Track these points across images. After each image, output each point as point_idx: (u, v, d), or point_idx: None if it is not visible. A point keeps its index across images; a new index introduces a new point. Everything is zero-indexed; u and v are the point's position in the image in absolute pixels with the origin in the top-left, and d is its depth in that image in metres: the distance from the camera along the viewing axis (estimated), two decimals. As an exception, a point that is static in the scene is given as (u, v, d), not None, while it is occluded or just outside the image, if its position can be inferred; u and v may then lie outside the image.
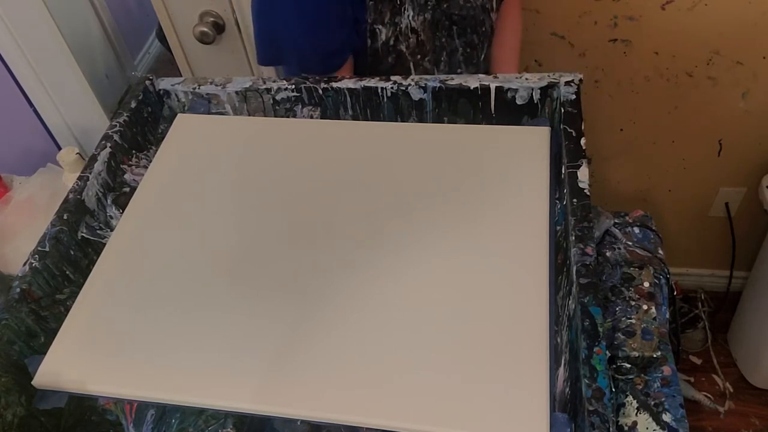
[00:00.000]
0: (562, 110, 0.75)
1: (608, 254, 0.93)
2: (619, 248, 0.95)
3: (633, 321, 0.83)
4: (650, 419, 0.79)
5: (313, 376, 0.58)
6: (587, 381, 0.54)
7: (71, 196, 0.73)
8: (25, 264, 0.68)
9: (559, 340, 0.62)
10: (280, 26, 0.91)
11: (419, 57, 0.97)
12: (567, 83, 0.77)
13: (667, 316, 0.92)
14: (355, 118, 0.83)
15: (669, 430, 0.78)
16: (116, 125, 0.80)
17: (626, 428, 0.78)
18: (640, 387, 0.81)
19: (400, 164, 0.75)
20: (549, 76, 0.78)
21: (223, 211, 0.73)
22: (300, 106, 0.84)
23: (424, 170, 0.74)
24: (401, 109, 0.81)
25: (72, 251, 0.72)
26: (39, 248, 0.69)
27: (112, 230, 0.73)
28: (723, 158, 1.52)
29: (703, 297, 1.83)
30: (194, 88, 0.85)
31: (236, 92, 0.84)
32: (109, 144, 0.79)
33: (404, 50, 0.95)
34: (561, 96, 0.76)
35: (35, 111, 1.28)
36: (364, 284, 0.64)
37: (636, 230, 0.99)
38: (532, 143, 0.75)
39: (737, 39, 1.28)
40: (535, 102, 0.79)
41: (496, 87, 0.78)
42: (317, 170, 0.76)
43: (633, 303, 0.85)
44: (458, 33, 0.99)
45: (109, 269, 0.69)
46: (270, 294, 0.65)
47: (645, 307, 0.85)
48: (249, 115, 0.86)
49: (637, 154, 1.55)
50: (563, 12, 1.30)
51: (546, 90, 0.78)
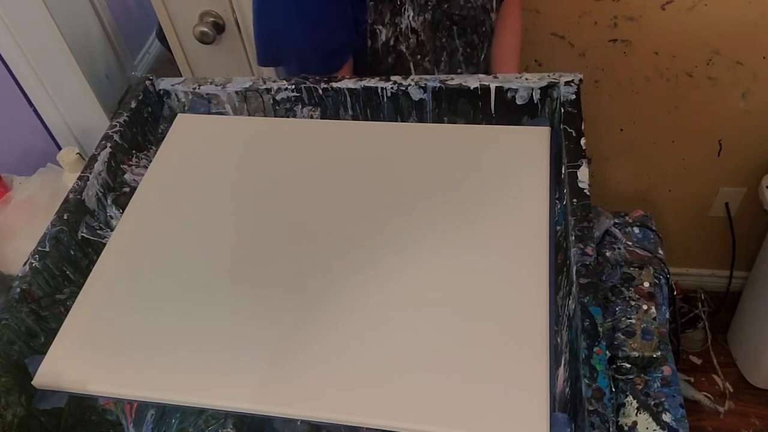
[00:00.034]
0: (562, 110, 0.75)
1: (608, 254, 0.93)
2: (619, 248, 0.95)
3: (633, 321, 0.83)
4: (650, 419, 0.79)
5: (313, 376, 0.58)
6: (587, 381, 0.54)
7: (71, 196, 0.73)
8: (25, 264, 0.68)
9: (559, 340, 0.62)
10: (280, 26, 0.91)
11: (419, 57, 0.97)
12: (567, 83, 0.77)
13: (667, 316, 0.92)
14: (355, 118, 0.83)
15: (669, 430, 0.78)
16: (116, 125, 0.80)
17: (626, 428, 0.78)
18: (640, 387, 0.81)
19: (400, 164, 0.75)
20: (549, 76, 0.78)
21: (223, 211, 0.73)
22: (300, 106, 0.84)
23: (424, 170, 0.74)
24: (401, 109, 0.81)
25: (72, 251, 0.72)
26: (39, 248, 0.69)
27: (112, 230, 0.73)
28: (723, 158, 1.52)
29: (703, 297, 1.83)
30: (194, 88, 0.85)
31: (236, 92, 0.84)
32: (109, 144, 0.79)
33: (404, 50, 0.95)
34: (561, 96, 0.76)
35: (35, 111, 1.28)
36: (364, 284, 0.64)
37: (636, 230, 0.99)
38: (532, 143, 0.75)
39: (737, 39, 1.28)
40: (535, 102, 0.79)
41: (496, 87, 0.78)
42: (317, 170, 0.76)
43: (633, 303, 0.85)
44: (458, 33, 0.99)
45: (109, 269, 0.69)
46: (270, 294, 0.65)
47: (645, 307, 0.85)
48: (249, 115, 0.86)
49: (637, 154, 1.55)
50: (563, 12, 1.30)
51: (546, 90, 0.78)
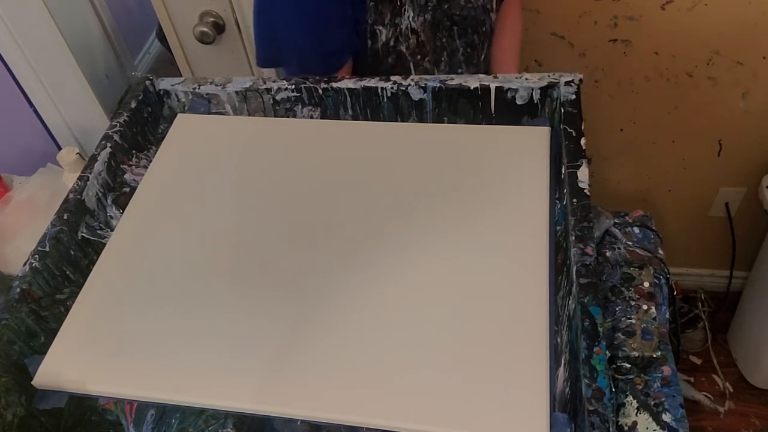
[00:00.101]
0: (562, 110, 0.75)
1: (608, 254, 0.93)
2: (619, 248, 0.95)
3: (633, 321, 0.83)
4: (650, 419, 0.79)
5: (313, 376, 0.58)
6: (587, 381, 0.54)
7: (71, 196, 0.73)
8: (25, 264, 0.68)
9: (559, 340, 0.62)
10: (280, 26, 0.91)
11: (419, 57, 0.97)
12: (567, 83, 0.77)
13: (667, 316, 0.92)
14: (355, 118, 0.83)
15: (669, 430, 0.78)
16: (116, 125, 0.80)
17: (626, 428, 0.78)
18: (640, 387, 0.81)
19: (400, 164, 0.75)
20: (549, 76, 0.78)
21: (223, 211, 0.73)
22: (300, 106, 0.84)
23: (424, 170, 0.74)
24: (401, 109, 0.81)
25: (72, 251, 0.72)
26: (39, 248, 0.69)
27: (112, 230, 0.73)
28: (723, 158, 1.52)
29: (703, 297, 1.83)
30: (194, 88, 0.85)
31: (236, 92, 0.84)
32: (109, 144, 0.79)
33: (404, 51, 0.95)
34: (561, 96, 0.76)
35: (35, 111, 1.28)
36: (364, 284, 0.64)
37: (636, 230, 0.99)
38: (532, 143, 0.75)
39: (737, 39, 1.28)
40: (535, 102, 0.79)
41: (496, 87, 0.78)
42: (317, 170, 0.76)
43: (633, 303, 0.85)
44: (459, 33, 0.99)
45: (109, 269, 0.69)
46: (270, 294, 0.65)
47: (645, 307, 0.85)
48: (249, 115, 0.86)
49: (637, 154, 1.55)
50: (563, 12, 1.30)
51: (546, 90, 0.78)
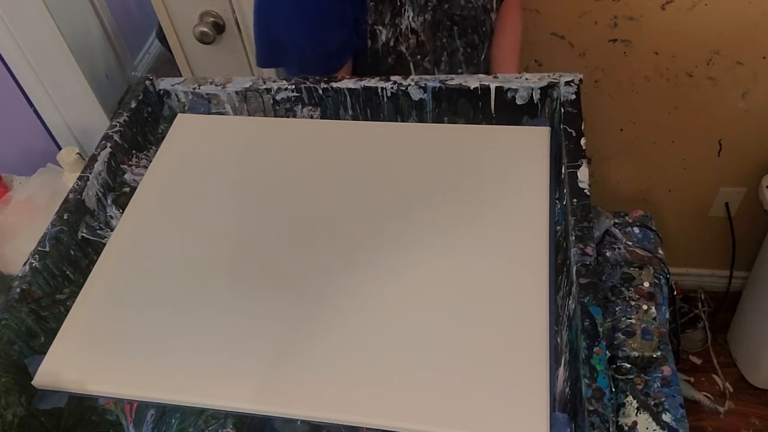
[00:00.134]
0: (562, 110, 0.75)
1: (608, 254, 0.93)
2: (619, 248, 0.95)
3: (633, 321, 0.83)
4: (650, 419, 0.79)
5: (313, 376, 0.58)
6: (587, 381, 0.54)
7: (71, 196, 0.73)
8: (25, 264, 0.68)
9: (559, 340, 0.62)
10: (280, 26, 0.91)
11: (419, 57, 0.97)
12: (567, 83, 0.77)
13: (667, 316, 0.92)
14: (355, 118, 0.83)
15: (669, 430, 0.78)
16: (116, 125, 0.80)
17: (626, 428, 0.78)
18: (640, 387, 0.81)
19: (400, 164, 0.75)
20: (549, 76, 0.78)
21: (223, 211, 0.73)
22: (300, 106, 0.84)
23: (424, 170, 0.74)
24: (401, 109, 0.81)
25: (72, 251, 0.72)
26: (39, 248, 0.69)
27: (112, 230, 0.73)
28: (723, 158, 1.52)
29: (703, 297, 1.83)
30: (194, 88, 0.85)
31: (236, 92, 0.84)
32: (109, 144, 0.79)
33: (404, 51, 0.95)
34: (561, 96, 0.76)
35: (35, 111, 1.28)
36: (364, 284, 0.64)
37: (636, 230, 0.99)
38: (532, 143, 0.75)
39: (737, 39, 1.28)
40: (535, 102, 0.79)
41: (496, 87, 0.78)
42: (317, 170, 0.76)
43: (633, 303, 0.85)
44: (459, 33, 0.99)
45: (109, 269, 0.69)
46: (270, 294, 0.65)
47: (645, 307, 0.85)
48: (249, 115, 0.86)
49: (637, 154, 1.55)
50: (563, 12, 1.30)
51: (546, 90, 0.78)
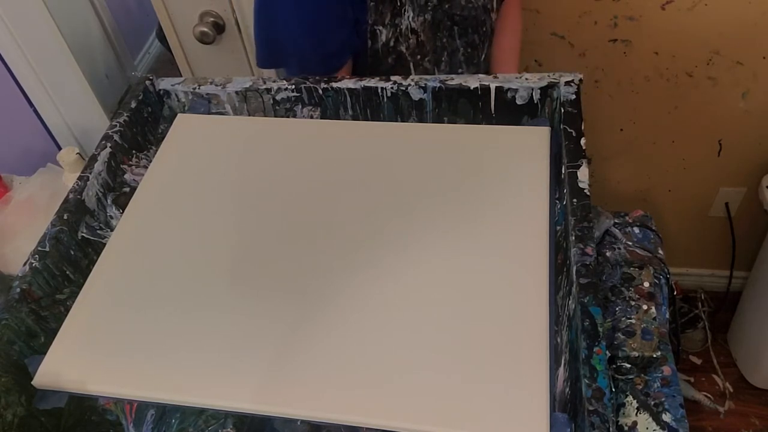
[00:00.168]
0: (562, 110, 0.75)
1: (608, 254, 0.93)
2: (619, 248, 0.95)
3: (633, 321, 0.83)
4: (650, 419, 0.79)
5: (313, 376, 0.58)
6: (587, 381, 0.54)
7: (71, 196, 0.73)
8: (25, 264, 0.68)
9: (559, 340, 0.62)
10: (280, 27, 0.91)
11: (419, 57, 0.97)
12: (567, 83, 0.77)
13: (667, 316, 0.92)
14: (355, 118, 0.83)
15: (669, 430, 0.78)
16: (116, 125, 0.80)
17: (626, 428, 0.78)
18: (640, 387, 0.81)
19: (400, 164, 0.75)
20: (549, 76, 0.78)
21: (223, 211, 0.73)
22: (300, 106, 0.84)
23: (424, 170, 0.74)
24: (401, 109, 0.81)
25: (72, 251, 0.72)
26: (39, 248, 0.69)
27: (112, 230, 0.73)
28: (723, 158, 1.52)
29: (703, 297, 1.83)
30: (194, 88, 0.85)
31: (236, 92, 0.84)
32: (109, 144, 0.79)
33: (404, 51, 0.95)
34: (561, 96, 0.76)
35: (35, 111, 1.28)
36: (364, 284, 0.64)
37: (636, 230, 0.99)
38: (532, 143, 0.75)
39: (737, 39, 1.28)
40: (535, 102, 0.79)
41: (496, 87, 0.78)
42: (317, 170, 0.76)
43: (633, 303, 0.85)
44: (459, 33, 0.99)
45: (109, 269, 0.69)
46: (270, 294, 0.65)
47: (645, 307, 0.85)
48: (249, 115, 0.86)
49: (637, 154, 1.55)
50: (563, 12, 1.30)
51: (546, 90, 0.78)
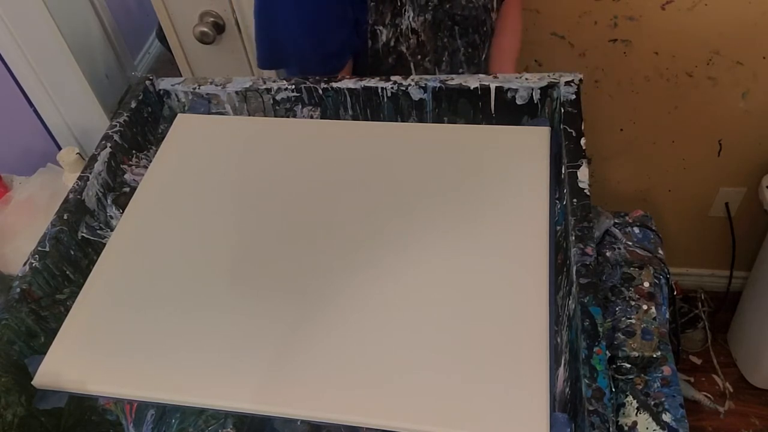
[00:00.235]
0: (562, 110, 0.75)
1: (608, 254, 0.93)
2: (619, 248, 0.95)
3: (633, 321, 0.83)
4: (650, 419, 0.79)
5: (313, 376, 0.58)
6: (587, 381, 0.54)
7: (71, 196, 0.73)
8: (25, 264, 0.68)
9: (559, 340, 0.62)
10: (281, 27, 0.91)
11: (419, 57, 0.97)
12: (567, 83, 0.77)
13: (667, 316, 0.92)
14: (355, 118, 0.83)
15: (669, 430, 0.78)
16: (116, 125, 0.80)
17: (626, 428, 0.78)
18: (640, 387, 0.81)
19: (400, 164, 0.75)
20: (549, 76, 0.78)
21: (223, 211, 0.73)
22: (300, 106, 0.84)
23: (424, 170, 0.74)
24: (401, 109, 0.81)
25: (72, 251, 0.72)
26: (39, 248, 0.69)
27: (112, 230, 0.73)
28: (723, 158, 1.52)
29: (703, 297, 1.83)
30: (194, 88, 0.85)
31: (236, 92, 0.84)
32: (109, 144, 0.79)
33: (404, 51, 0.95)
34: (561, 96, 0.76)
35: (35, 111, 1.28)
36: (364, 284, 0.64)
37: (636, 230, 0.99)
38: (532, 143, 0.75)
39: (737, 39, 1.28)
40: (535, 102, 0.79)
41: (496, 87, 0.78)
42: (317, 170, 0.76)
43: (633, 303, 0.85)
44: (460, 33, 0.99)
45: (109, 269, 0.69)
46: (270, 294, 0.65)
47: (645, 307, 0.85)
48: (249, 115, 0.86)
49: (637, 154, 1.55)
50: (563, 12, 1.30)
51: (546, 90, 0.78)
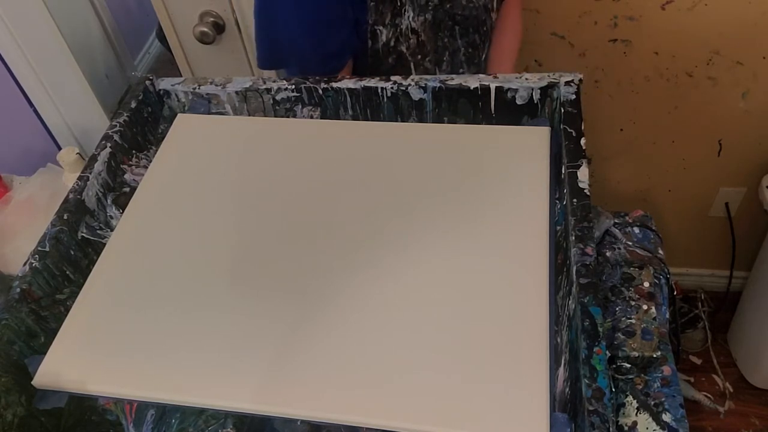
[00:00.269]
0: (562, 110, 0.75)
1: (608, 254, 0.93)
2: (619, 248, 0.95)
3: (633, 321, 0.83)
4: (650, 419, 0.79)
5: (313, 376, 0.58)
6: (587, 381, 0.54)
7: (71, 196, 0.73)
8: (25, 264, 0.68)
9: (559, 340, 0.62)
10: (281, 27, 0.91)
11: (419, 57, 0.97)
12: (567, 83, 0.77)
13: (667, 316, 0.92)
14: (355, 118, 0.83)
15: (669, 430, 0.78)
16: (116, 125, 0.80)
17: (626, 428, 0.78)
18: (640, 387, 0.81)
19: (400, 164, 0.75)
20: (549, 76, 0.78)
21: (223, 211, 0.73)
22: (300, 106, 0.84)
23: (424, 170, 0.74)
24: (401, 109, 0.81)
25: (72, 251, 0.72)
26: (39, 248, 0.69)
27: (112, 230, 0.73)
28: (723, 158, 1.52)
29: (703, 297, 1.83)
30: (194, 88, 0.85)
31: (236, 92, 0.84)
32: (109, 144, 0.79)
33: (404, 51, 0.95)
34: (561, 96, 0.76)
35: (35, 111, 1.28)
36: (364, 284, 0.64)
37: (636, 230, 0.99)
38: (532, 143, 0.75)
39: (737, 39, 1.28)
40: (535, 102, 0.79)
41: (496, 87, 0.78)
42: (317, 170, 0.76)
43: (633, 303, 0.85)
44: (460, 33, 0.99)
45: (109, 269, 0.69)
46: (270, 294, 0.65)
47: (645, 307, 0.85)
48: (249, 115, 0.86)
49: (637, 154, 1.55)
50: (563, 12, 1.30)
51: (546, 90, 0.78)
